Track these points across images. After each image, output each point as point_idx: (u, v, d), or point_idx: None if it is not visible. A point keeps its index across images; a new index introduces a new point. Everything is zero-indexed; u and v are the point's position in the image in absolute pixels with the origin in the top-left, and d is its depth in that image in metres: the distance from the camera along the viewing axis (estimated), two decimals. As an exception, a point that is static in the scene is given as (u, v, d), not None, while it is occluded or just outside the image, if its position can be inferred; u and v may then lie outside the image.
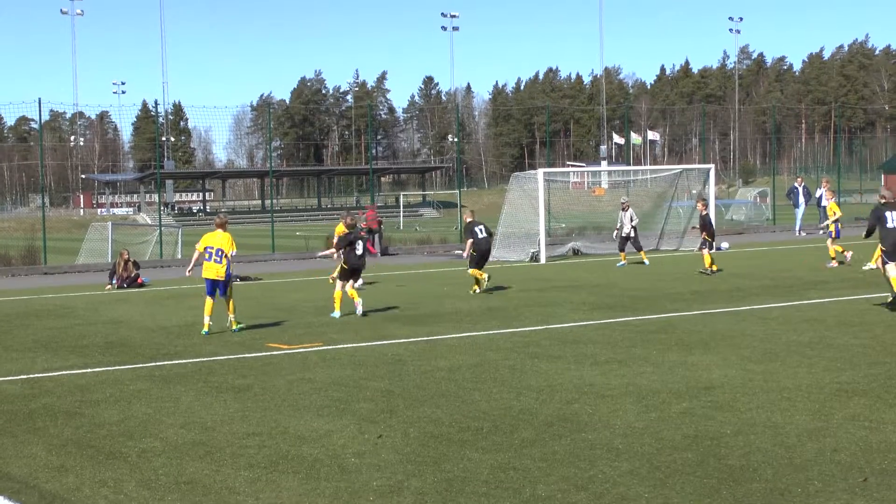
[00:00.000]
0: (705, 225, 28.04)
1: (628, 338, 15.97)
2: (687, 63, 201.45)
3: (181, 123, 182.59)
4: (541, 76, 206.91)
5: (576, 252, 37.03)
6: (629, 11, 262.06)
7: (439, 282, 26.51)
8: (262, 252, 40.59)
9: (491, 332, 17.21)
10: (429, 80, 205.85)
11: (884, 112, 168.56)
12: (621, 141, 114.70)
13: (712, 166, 40.12)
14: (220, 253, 17.92)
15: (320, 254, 21.31)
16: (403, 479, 8.51)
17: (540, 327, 17.59)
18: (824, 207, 45.36)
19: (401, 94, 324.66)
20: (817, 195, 45.98)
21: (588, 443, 9.49)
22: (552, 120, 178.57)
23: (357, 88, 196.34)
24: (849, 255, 27.57)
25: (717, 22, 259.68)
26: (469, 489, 8.19)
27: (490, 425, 10.30)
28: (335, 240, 23.07)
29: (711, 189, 38.27)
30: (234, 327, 18.11)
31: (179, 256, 39.96)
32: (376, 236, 40.47)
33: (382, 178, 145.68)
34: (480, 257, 24.07)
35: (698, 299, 20.96)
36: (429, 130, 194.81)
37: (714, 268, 26.78)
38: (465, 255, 24.62)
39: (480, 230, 24.22)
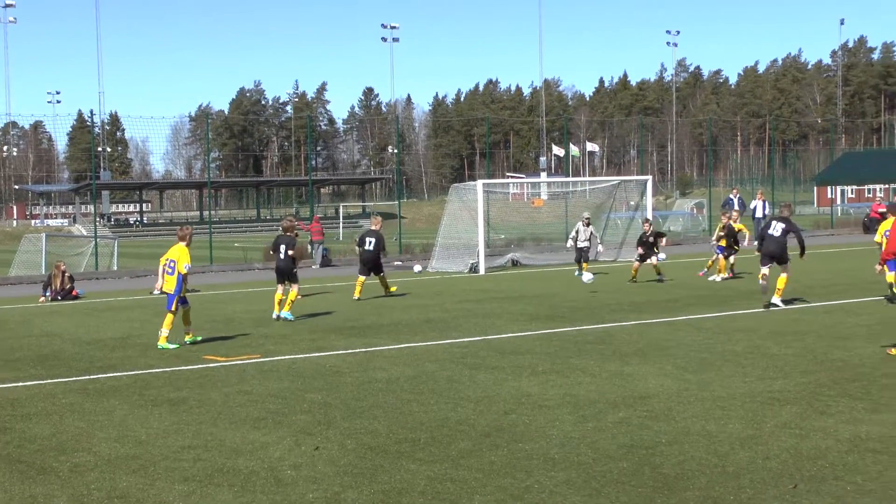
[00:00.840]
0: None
1: (566, 348, 16.05)
2: (625, 75, 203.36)
3: (118, 133, 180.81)
4: (481, 88, 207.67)
5: (515, 263, 37.15)
6: (569, 24, 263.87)
7: (378, 293, 26.46)
8: (199, 264, 40.27)
9: (429, 343, 17.21)
10: (369, 92, 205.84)
11: (816, 125, 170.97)
12: (560, 152, 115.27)
13: (650, 178, 40.49)
14: (171, 265, 17.78)
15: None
16: (340, 492, 8.48)
17: (478, 338, 17.62)
18: (759, 219, 46.01)
19: (341, 106, 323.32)
20: (752, 206, 46.56)
21: (525, 453, 9.52)
22: (492, 131, 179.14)
23: (297, 99, 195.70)
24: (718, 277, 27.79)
25: (655, 35, 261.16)
26: (406, 501, 8.19)
27: (427, 436, 10.30)
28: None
29: (649, 200, 38.59)
30: (186, 339, 17.86)
31: (115, 268, 39.59)
32: (320, 248, 40.41)
33: (322, 190, 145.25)
34: (364, 266, 26.33)
35: (635, 310, 21.11)
36: (369, 142, 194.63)
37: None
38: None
39: (370, 242, 26.14)
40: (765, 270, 20.92)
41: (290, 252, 21.28)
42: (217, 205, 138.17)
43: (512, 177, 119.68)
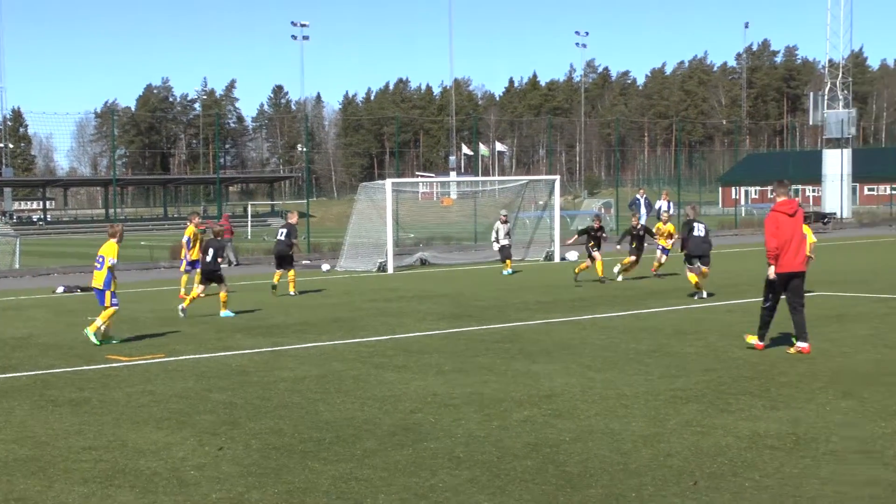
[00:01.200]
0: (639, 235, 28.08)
1: (473, 347, 16.11)
2: (535, 76, 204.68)
3: (20, 130, 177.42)
4: (391, 87, 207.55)
5: (423, 262, 37.19)
6: (479, 24, 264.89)
7: (286, 291, 26.31)
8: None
9: (336, 342, 17.17)
10: (278, 90, 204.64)
11: (722, 126, 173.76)
12: (470, 152, 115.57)
13: (557, 177, 40.81)
14: (100, 260, 17.61)
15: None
16: (244, 492, 8.43)
17: (386, 337, 17.62)
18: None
19: (250, 103, 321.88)
20: (657, 206, 47.18)
21: (430, 452, 9.54)
22: (402, 130, 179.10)
23: (205, 97, 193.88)
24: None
25: (565, 36, 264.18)
26: (310, 500, 8.17)
27: (333, 436, 10.28)
28: (184, 240, 25.57)
29: (557, 200, 38.88)
30: (88, 329, 17.58)
31: (17, 266, 38.86)
32: (229, 246, 39.98)
33: (230, 188, 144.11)
34: (276, 258, 27.11)
35: (542, 309, 21.27)
36: (278, 140, 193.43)
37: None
38: None
39: (281, 232, 27.01)
40: (695, 270, 22.89)
41: (218, 257, 21.63)
42: (123, 203, 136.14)
43: (422, 176, 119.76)
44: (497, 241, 32.12)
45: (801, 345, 14.79)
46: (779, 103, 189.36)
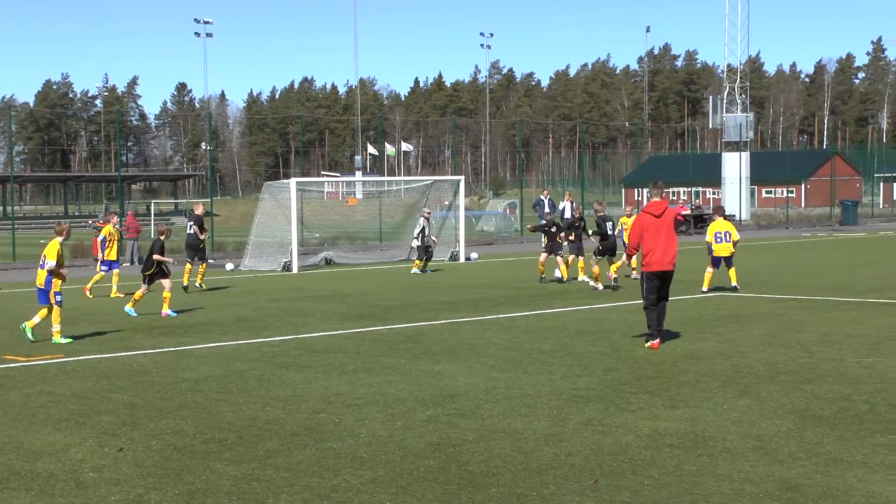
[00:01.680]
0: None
1: (377, 347, 16.11)
2: (440, 76, 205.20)
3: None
4: (296, 85, 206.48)
5: (328, 262, 37.06)
6: (384, 24, 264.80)
7: (192, 292, 26.06)
8: (2, 261, 38.92)
9: (240, 342, 17.04)
10: (182, 87, 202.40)
11: (624, 129, 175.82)
12: (376, 152, 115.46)
13: (462, 178, 40.94)
14: (43, 259, 17.28)
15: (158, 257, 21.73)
16: (143, 493, 8.34)
17: (290, 337, 17.54)
18: (567, 220, 47.05)
19: (153, 100, 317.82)
20: (560, 207, 47.65)
21: (333, 452, 9.53)
22: (307, 130, 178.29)
23: (107, 93, 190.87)
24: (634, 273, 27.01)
25: (470, 37, 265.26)
26: (211, 501, 8.11)
27: (235, 436, 10.21)
28: (99, 239, 26.20)
29: (461, 200, 39.03)
30: (54, 339, 17.23)
31: (-90, 265, 37.87)
32: (134, 244, 39.52)
33: (133, 186, 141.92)
34: (187, 249, 27.62)
35: (447, 309, 21.34)
36: (182, 138, 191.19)
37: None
38: None
39: (189, 225, 27.32)
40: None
41: (153, 255, 21.58)
42: (22, 200, 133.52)
43: (327, 175, 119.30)
44: (419, 238, 32.23)
45: (655, 341, 15.50)
46: (680, 106, 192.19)
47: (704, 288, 23.43)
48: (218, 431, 10.44)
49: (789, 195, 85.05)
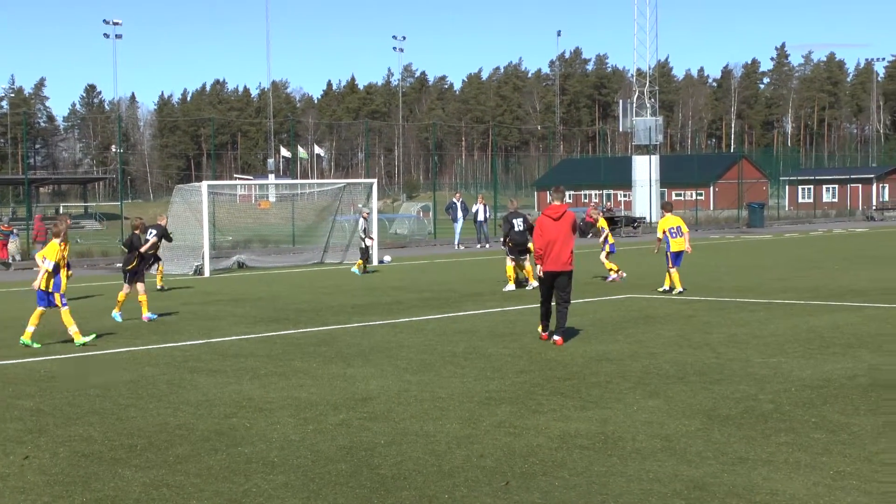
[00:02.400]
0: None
1: (289, 351, 16.04)
2: (353, 79, 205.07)
3: None
4: (208, 88, 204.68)
5: (241, 265, 36.78)
6: (297, 26, 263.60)
7: (102, 297, 25.70)
8: None
9: (150, 346, 16.86)
10: (91, 89, 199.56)
11: (536, 132, 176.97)
12: (288, 155, 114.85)
13: (375, 181, 40.88)
14: (43, 261, 17.08)
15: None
16: (50, 501, 8.21)
17: (201, 341, 17.39)
18: (480, 222, 47.32)
19: (61, 102, 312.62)
20: (474, 210, 47.81)
21: (244, 457, 9.47)
22: (219, 132, 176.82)
23: (13, 95, 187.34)
24: (623, 274, 27.25)
25: (382, 40, 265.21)
26: (120, 509, 8.01)
27: (145, 442, 10.10)
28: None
29: (374, 203, 38.99)
30: (76, 340, 17.02)
31: None
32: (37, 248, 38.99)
33: (41, 189, 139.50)
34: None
35: (359, 312, 21.31)
36: (91, 140, 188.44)
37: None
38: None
39: (150, 232, 25.55)
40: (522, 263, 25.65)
41: (134, 250, 21.26)
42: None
43: (239, 178, 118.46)
44: (363, 238, 32.65)
45: (556, 338, 16.13)
46: (591, 110, 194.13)
47: (679, 288, 23.53)
48: (127, 437, 10.32)
49: (698, 198, 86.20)
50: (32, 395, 12.65)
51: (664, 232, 23.93)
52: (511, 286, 25.29)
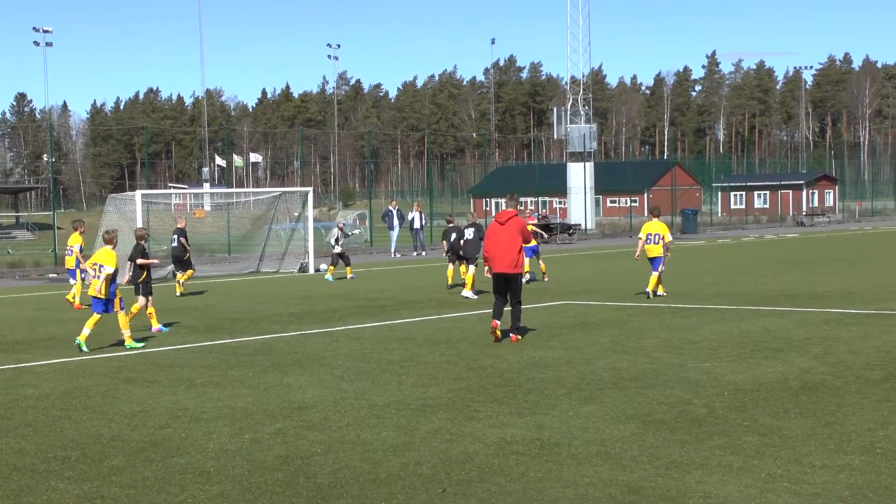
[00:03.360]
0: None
1: (225, 360, 15.96)
2: (288, 87, 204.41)
3: None
4: (141, 96, 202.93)
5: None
6: (230, 34, 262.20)
7: (33, 307, 25.41)
8: None
9: (83, 357, 16.68)
10: (21, 97, 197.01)
11: (472, 139, 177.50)
12: (224, 163, 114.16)
13: (310, 189, 40.81)
14: (98, 268, 17.50)
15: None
16: (-18, 515, 8.12)
17: (135, 352, 17.23)
18: (417, 230, 47.38)
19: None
20: (409, 218, 47.82)
21: (180, 467, 9.41)
22: (153, 141, 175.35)
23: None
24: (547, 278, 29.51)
25: (317, 48, 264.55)
26: (53, 521, 7.93)
27: (78, 454, 10.00)
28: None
29: (310, 211, 38.90)
30: (127, 344, 17.61)
31: None
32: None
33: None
34: (173, 261, 28.22)
35: (295, 321, 21.25)
36: (23, 149, 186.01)
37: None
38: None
39: (173, 239, 27.31)
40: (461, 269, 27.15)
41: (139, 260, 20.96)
42: None
43: (174, 187, 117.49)
44: (335, 245, 33.26)
45: (511, 335, 17.20)
46: (526, 117, 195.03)
47: (660, 291, 24.21)
48: (60, 449, 10.21)
49: (633, 204, 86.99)
50: (-37, 408, 12.47)
51: (645, 236, 24.52)
52: (469, 293, 25.31)
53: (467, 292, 25.28)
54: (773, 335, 17.18)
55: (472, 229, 26.74)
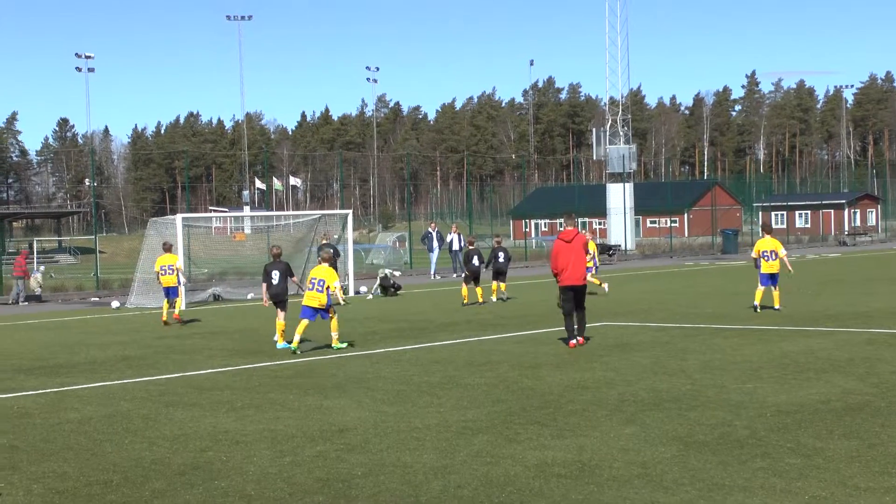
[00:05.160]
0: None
1: (266, 383, 16.00)
2: (327, 110, 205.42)
3: None
4: (182, 120, 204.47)
5: (216, 298, 36.71)
6: (270, 58, 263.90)
7: (75, 331, 25.61)
8: None
9: (126, 381, 16.79)
10: (64, 122, 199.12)
11: (511, 161, 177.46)
12: (263, 186, 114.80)
13: (350, 211, 40.96)
14: (321, 283, 19.82)
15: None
16: (25, 539, 8.16)
17: (177, 375, 17.33)
18: (456, 252, 47.35)
19: (34, 136, 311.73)
20: (448, 240, 47.81)
21: (221, 490, 9.43)
22: (194, 165, 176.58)
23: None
24: (606, 286, 31.97)
25: (356, 71, 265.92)
26: (95, 545, 7.97)
27: (120, 477, 10.05)
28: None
29: (350, 234, 39.03)
30: (334, 345, 20.11)
31: None
32: (21, 283, 38.96)
33: (15, 224, 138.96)
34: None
35: (336, 343, 21.26)
36: (65, 174, 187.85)
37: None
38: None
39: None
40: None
41: (291, 277, 22.09)
42: None
43: (214, 210, 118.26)
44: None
45: (578, 338, 19.16)
46: (565, 138, 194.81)
47: (756, 302, 25.05)
48: (102, 473, 10.26)
49: (672, 225, 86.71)
50: (6, 432, 12.57)
51: (758, 253, 25.14)
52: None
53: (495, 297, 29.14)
54: (815, 355, 17.03)
55: (503, 252, 30.98)
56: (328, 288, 19.85)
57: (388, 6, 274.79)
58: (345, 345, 20.31)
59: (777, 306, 24.85)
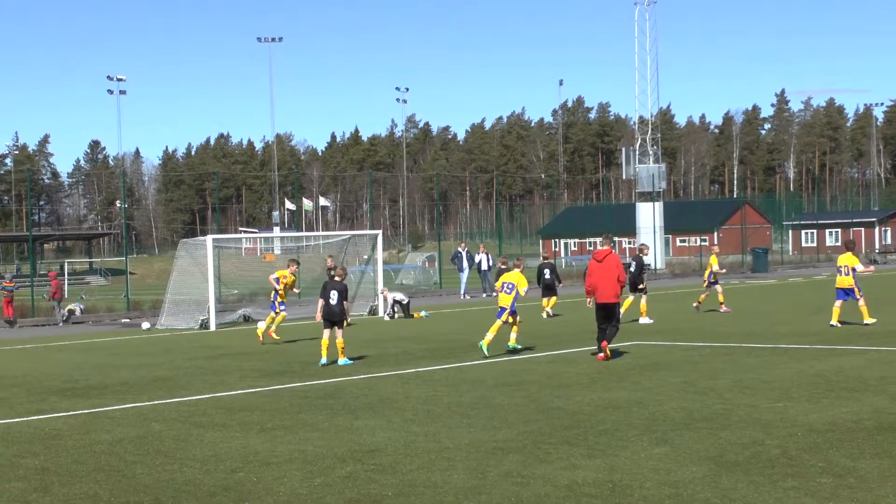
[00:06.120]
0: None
1: (296, 404, 16.03)
2: (357, 131, 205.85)
3: None
4: (212, 142, 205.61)
5: (247, 318, 36.82)
6: (300, 79, 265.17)
7: (106, 352, 25.75)
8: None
9: (156, 402, 16.86)
10: (95, 144, 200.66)
11: (540, 181, 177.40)
12: (293, 207, 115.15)
13: (380, 232, 41.06)
14: (510, 286, 21.88)
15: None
16: (58, 559, 8.21)
17: (207, 396, 17.38)
18: (485, 272, 47.32)
19: (65, 158, 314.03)
20: (477, 260, 47.78)
21: (251, 511, 9.46)
22: (224, 186, 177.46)
23: (17, 152, 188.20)
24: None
25: (385, 92, 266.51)
26: (127, 565, 8.00)
27: (151, 499, 10.09)
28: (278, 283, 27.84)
29: (380, 254, 39.11)
30: (510, 344, 22.29)
31: None
32: (58, 304, 39.38)
33: (46, 245, 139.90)
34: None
35: (366, 363, 21.31)
36: (96, 196, 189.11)
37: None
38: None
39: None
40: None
41: (344, 299, 21.65)
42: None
43: (244, 231, 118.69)
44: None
45: (604, 342, 19.89)
46: (594, 158, 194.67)
47: (832, 321, 25.35)
48: (133, 494, 10.30)
49: (702, 243, 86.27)
50: (37, 454, 12.64)
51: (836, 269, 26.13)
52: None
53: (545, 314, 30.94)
54: (846, 374, 16.92)
55: (548, 268, 34.11)
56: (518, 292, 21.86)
57: (418, 27, 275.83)
58: (351, 362, 21.10)
59: (866, 321, 25.26)
